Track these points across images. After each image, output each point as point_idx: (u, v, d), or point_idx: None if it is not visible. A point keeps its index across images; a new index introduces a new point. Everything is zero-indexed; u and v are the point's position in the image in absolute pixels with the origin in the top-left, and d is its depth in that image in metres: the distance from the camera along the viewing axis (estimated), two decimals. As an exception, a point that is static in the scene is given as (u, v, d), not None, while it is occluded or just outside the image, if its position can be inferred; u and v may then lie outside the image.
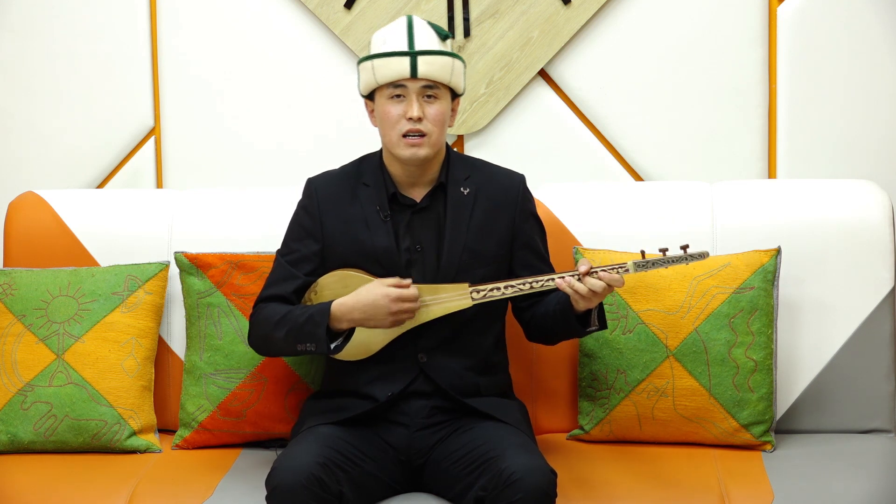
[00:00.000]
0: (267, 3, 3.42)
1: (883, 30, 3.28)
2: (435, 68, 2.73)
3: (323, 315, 2.70)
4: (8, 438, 2.98)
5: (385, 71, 2.73)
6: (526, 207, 2.86)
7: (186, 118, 3.46)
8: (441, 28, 2.78)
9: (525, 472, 2.52)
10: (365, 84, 2.78)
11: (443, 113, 2.75)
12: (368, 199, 2.80)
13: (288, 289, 2.80)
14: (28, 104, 3.48)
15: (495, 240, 2.81)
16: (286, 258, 2.83)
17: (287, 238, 2.86)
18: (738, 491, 2.70)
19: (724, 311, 2.93)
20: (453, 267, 2.76)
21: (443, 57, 2.74)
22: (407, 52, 2.72)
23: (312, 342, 2.70)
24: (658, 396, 2.93)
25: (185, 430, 3.03)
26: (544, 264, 2.86)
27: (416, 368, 2.76)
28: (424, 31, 2.75)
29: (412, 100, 2.72)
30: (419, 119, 2.72)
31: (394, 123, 2.74)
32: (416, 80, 2.72)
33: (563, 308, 2.71)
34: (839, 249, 3.04)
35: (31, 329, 3.03)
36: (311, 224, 2.83)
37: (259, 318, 2.80)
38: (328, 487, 2.56)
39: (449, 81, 2.75)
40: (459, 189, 2.80)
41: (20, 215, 3.22)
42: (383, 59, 2.73)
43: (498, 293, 2.71)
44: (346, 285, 2.75)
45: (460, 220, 2.79)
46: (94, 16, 3.44)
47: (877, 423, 3.03)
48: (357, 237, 2.78)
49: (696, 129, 3.36)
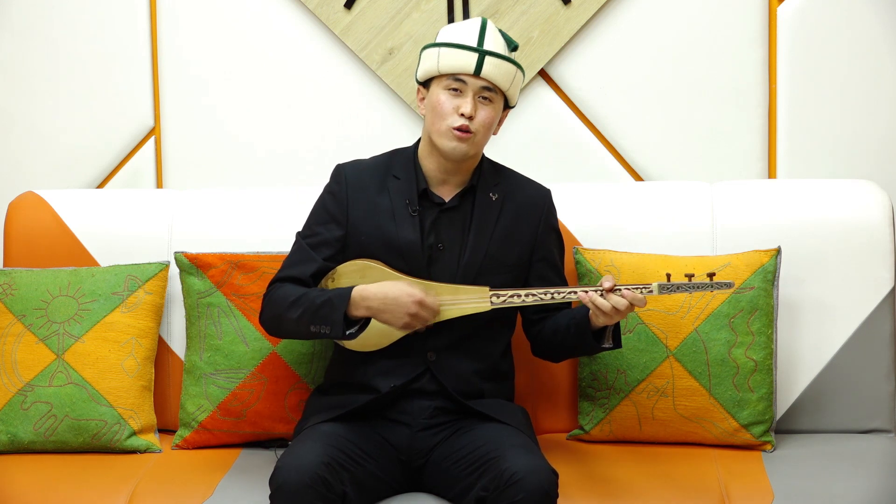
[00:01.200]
0: (267, 4, 3.42)
1: (883, 30, 3.28)
2: (499, 72, 2.73)
3: (342, 299, 2.68)
4: (8, 438, 2.98)
5: (450, 61, 2.73)
6: (549, 221, 2.86)
7: (186, 118, 3.46)
8: (511, 39, 2.79)
9: (526, 472, 2.52)
10: (425, 70, 2.77)
11: (493, 118, 2.76)
12: (398, 192, 2.80)
13: (306, 271, 2.78)
14: (28, 104, 3.48)
15: (517, 248, 2.81)
16: (307, 240, 2.82)
17: (310, 221, 2.85)
18: (738, 491, 2.70)
19: (724, 311, 2.93)
20: (473, 270, 2.76)
21: (508, 63, 2.75)
22: (476, 49, 2.72)
23: (328, 325, 2.69)
24: (658, 396, 2.93)
25: (185, 430, 3.03)
26: (560, 279, 2.87)
27: (424, 366, 2.76)
28: (495, 36, 2.76)
29: (468, 96, 2.72)
30: (470, 118, 2.72)
31: (445, 115, 2.73)
32: (477, 78, 2.72)
33: (579, 323, 2.71)
34: (839, 249, 3.04)
35: (31, 329, 3.03)
36: (337, 209, 2.82)
37: (273, 296, 2.78)
38: (332, 487, 2.56)
39: (507, 89, 2.76)
40: (488, 194, 2.81)
41: (20, 215, 3.22)
42: (452, 49, 2.73)
43: (518, 300, 2.70)
44: (365, 276, 2.75)
45: (486, 224, 2.79)
46: (94, 16, 3.44)
47: (877, 423, 3.03)
48: (383, 228, 2.78)
49: (696, 129, 3.36)
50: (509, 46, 2.78)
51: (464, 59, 2.72)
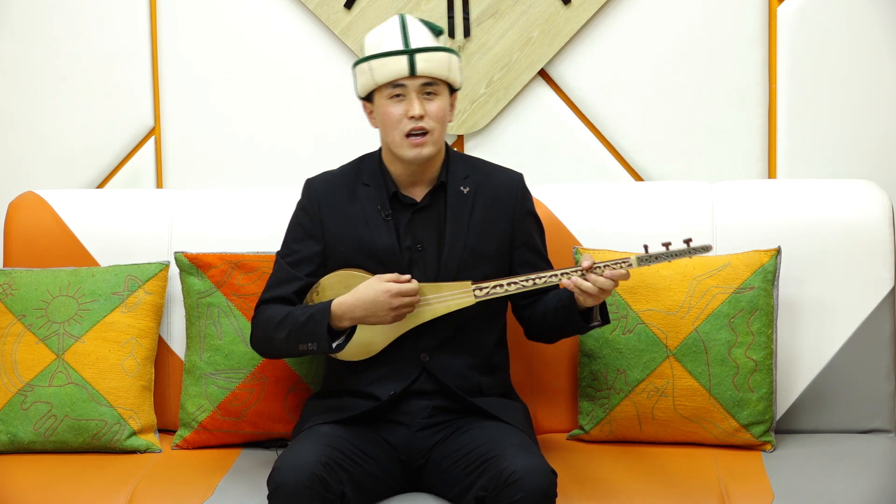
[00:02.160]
0: (267, 4, 3.42)
1: (883, 30, 3.28)
2: (433, 65, 2.73)
3: (323, 314, 2.70)
4: (8, 438, 2.98)
5: (383, 71, 2.73)
6: (524, 206, 2.86)
7: (186, 118, 3.46)
8: (434, 24, 2.78)
9: (525, 471, 2.52)
10: (363, 86, 2.78)
11: (443, 109, 2.75)
12: (369, 199, 2.80)
13: (289, 290, 2.80)
14: (28, 104, 3.48)
15: (495, 238, 2.81)
16: (286, 259, 2.83)
17: (287, 239, 2.86)
18: (738, 491, 2.70)
19: (724, 311, 2.93)
20: (454, 265, 2.76)
21: (440, 53, 2.74)
22: (404, 51, 2.72)
23: (314, 341, 2.70)
24: (658, 396, 2.93)
25: (185, 430, 3.03)
26: (543, 262, 2.87)
27: (419, 367, 2.76)
28: (419, 29, 2.75)
29: (412, 98, 2.72)
30: (421, 117, 2.72)
31: (396, 123, 2.73)
32: (415, 77, 2.72)
33: (566, 304, 2.71)
34: (839, 249, 3.04)
35: (31, 329, 3.03)
36: (312, 225, 2.83)
37: (260, 319, 2.80)
38: (331, 487, 2.56)
39: (447, 77, 2.75)
40: (459, 188, 2.81)
41: (20, 215, 3.22)
42: (381, 59, 2.73)
43: (501, 290, 2.71)
44: (348, 285, 2.75)
45: (460, 218, 2.79)
46: (93, 16, 3.44)
47: (877, 423, 3.03)
48: (359, 236, 2.78)
49: (696, 129, 3.36)
50: (434, 33, 2.77)
51: (396, 64, 2.72)
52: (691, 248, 2.62)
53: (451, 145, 3.40)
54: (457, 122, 3.37)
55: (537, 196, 3.10)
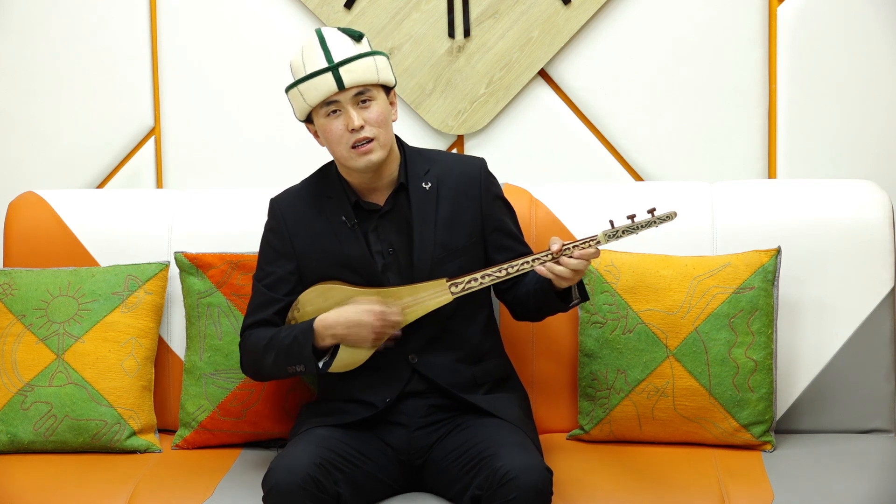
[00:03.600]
0: (267, 4, 3.42)
1: (883, 30, 3.28)
2: (359, 74, 2.71)
3: (307, 334, 2.70)
4: (8, 438, 2.99)
5: (313, 93, 2.72)
6: (490, 191, 2.84)
7: (186, 118, 3.46)
8: (352, 30, 2.76)
9: (520, 470, 2.52)
10: (299, 110, 2.77)
11: (382, 112, 2.73)
12: (333, 211, 2.80)
13: (269, 313, 2.80)
14: (28, 104, 3.48)
15: (465, 230, 2.80)
16: (263, 283, 2.83)
17: (260, 262, 2.86)
18: (738, 491, 2.70)
19: (724, 311, 2.93)
20: (427, 264, 2.76)
21: (363, 59, 2.72)
22: (328, 68, 2.70)
23: (300, 363, 2.71)
24: (658, 396, 2.93)
25: (185, 430, 3.03)
26: (519, 244, 2.86)
27: (409, 370, 2.76)
28: (338, 40, 2.73)
29: (349, 110, 2.71)
30: (361, 127, 2.70)
31: (339, 139, 2.72)
32: (345, 91, 2.71)
33: (543, 287, 2.72)
34: (839, 249, 3.04)
35: (31, 329, 3.03)
36: (282, 245, 2.82)
37: (247, 345, 2.80)
38: (325, 488, 2.56)
39: (377, 80, 2.73)
40: (421, 185, 2.79)
41: (20, 215, 3.22)
42: (307, 81, 2.72)
43: (476, 284, 2.71)
44: (327, 298, 2.75)
45: (426, 216, 2.78)
46: (93, 15, 3.44)
47: (877, 423, 3.03)
48: (329, 249, 2.78)
49: (696, 129, 3.36)
50: (354, 38, 2.75)
51: (322, 84, 2.70)
52: (656, 217, 2.63)
53: (451, 145, 3.41)
54: (457, 122, 3.37)
55: (537, 196, 3.09)
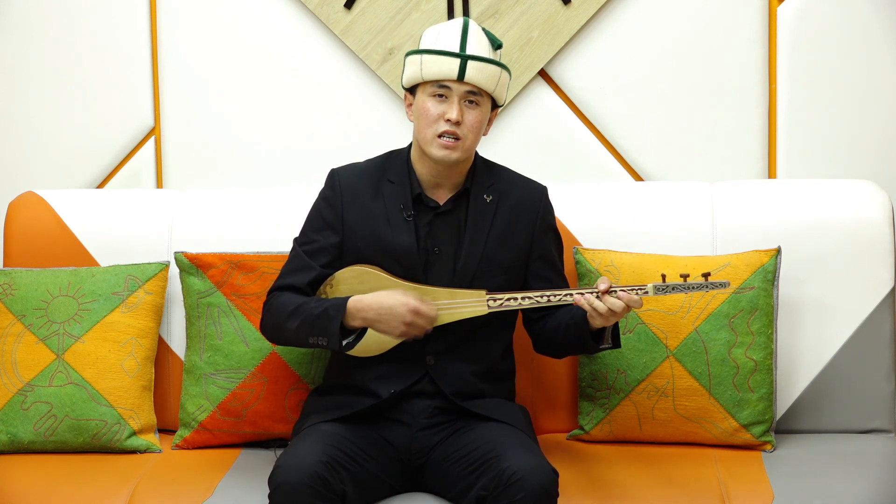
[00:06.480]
0: (267, 4, 3.42)
1: (883, 30, 3.28)
2: (483, 76, 2.72)
3: (338, 310, 2.69)
4: (8, 438, 2.99)
5: (432, 68, 2.72)
6: (545, 220, 2.85)
7: (186, 118, 3.46)
8: (494, 36, 2.77)
9: (526, 471, 2.52)
10: (409, 77, 2.77)
11: (481, 121, 2.74)
12: (392, 197, 2.79)
13: (303, 280, 2.78)
14: (28, 104, 3.48)
15: (513, 249, 2.80)
16: (304, 248, 2.82)
17: (306, 227, 2.85)
18: (738, 491, 2.70)
19: (724, 311, 2.93)
20: (469, 273, 2.76)
21: (492, 66, 2.73)
22: (458, 54, 2.71)
23: (325, 337, 2.69)
24: (658, 396, 2.93)
25: (185, 430, 3.03)
26: (559, 277, 2.86)
27: (423, 370, 2.76)
28: (478, 37, 2.74)
29: (454, 102, 2.71)
30: (457, 123, 2.71)
31: (431, 122, 2.72)
32: (461, 83, 2.71)
33: (577, 323, 2.70)
34: (839, 249, 3.04)
35: (31, 329, 3.03)
36: (332, 216, 2.81)
37: (273, 306, 2.79)
38: (332, 486, 2.56)
39: (493, 91, 2.74)
40: (483, 196, 2.80)
41: (20, 215, 3.22)
42: (433, 56, 2.72)
43: (514, 303, 2.70)
44: (363, 282, 2.75)
45: (481, 227, 2.78)
46: (93, 16, 3.44)
47: (877, 423, 3.03)
48: (378, 233, 2.77)
49: (696, 129, 3.36)
50: (493, 45, 2.76)
51: (446, 65, 2.71)
52: (709, 282, 2.61)
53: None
54: (457, 122, 3.37)
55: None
